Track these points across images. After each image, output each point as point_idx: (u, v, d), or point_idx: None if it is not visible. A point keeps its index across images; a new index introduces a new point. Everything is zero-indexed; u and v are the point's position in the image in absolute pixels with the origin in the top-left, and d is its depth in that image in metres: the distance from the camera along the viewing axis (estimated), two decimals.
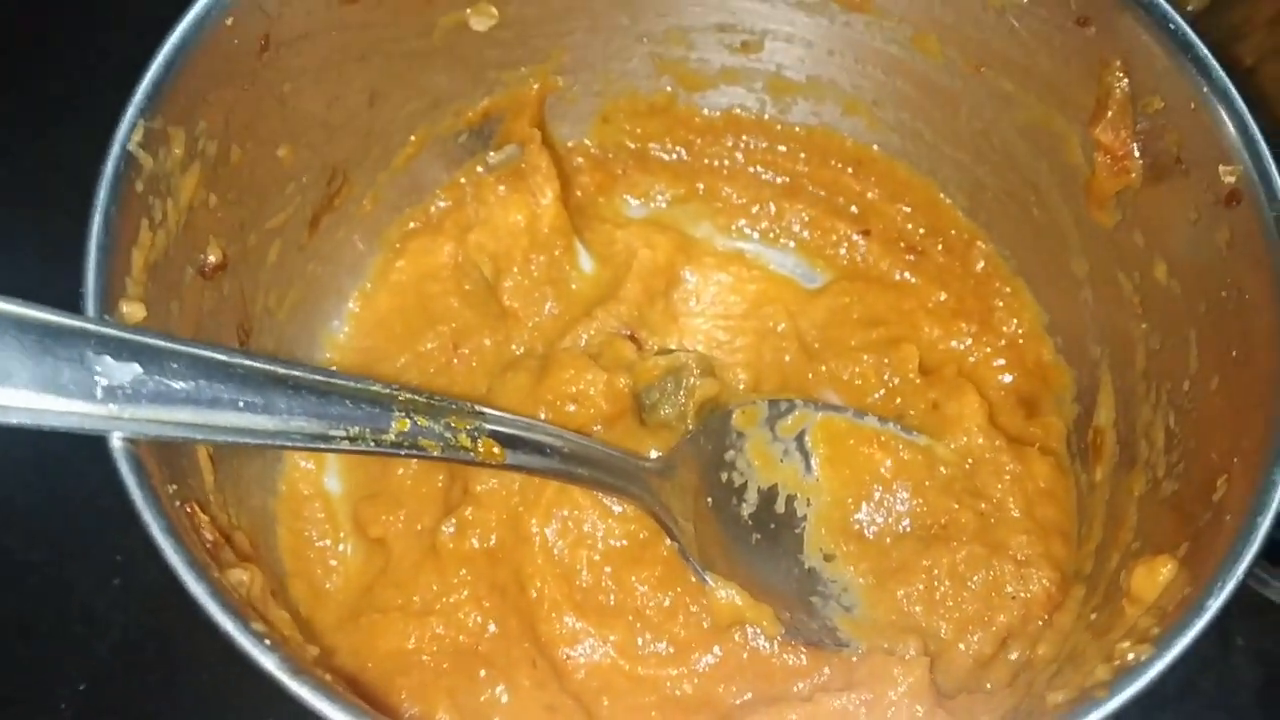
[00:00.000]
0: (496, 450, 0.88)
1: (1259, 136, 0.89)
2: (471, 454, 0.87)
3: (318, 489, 1.14)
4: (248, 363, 0.77)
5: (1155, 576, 0.84)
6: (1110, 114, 1.00)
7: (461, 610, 1.05)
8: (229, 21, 0.90)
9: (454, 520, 1.06)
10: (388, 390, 0.83)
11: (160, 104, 0.85)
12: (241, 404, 0.76)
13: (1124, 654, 0.76)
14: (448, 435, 0.85)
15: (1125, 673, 0.74)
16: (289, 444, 0.78)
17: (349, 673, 1.04)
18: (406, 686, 1.02)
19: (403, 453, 0.83)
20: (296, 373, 0.79)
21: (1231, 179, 0.89)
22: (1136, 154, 1.00)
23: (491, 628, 1.05)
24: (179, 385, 0.74)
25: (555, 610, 1.03)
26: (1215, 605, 0.75)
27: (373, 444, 0.81)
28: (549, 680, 1.03)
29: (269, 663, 0.69)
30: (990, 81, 1.10)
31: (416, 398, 0.84)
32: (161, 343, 0.74)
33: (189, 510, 0.79)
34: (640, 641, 1.03)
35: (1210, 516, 0.84)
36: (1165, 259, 0.99)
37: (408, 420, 0.83)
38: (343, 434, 0.80)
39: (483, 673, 1.03)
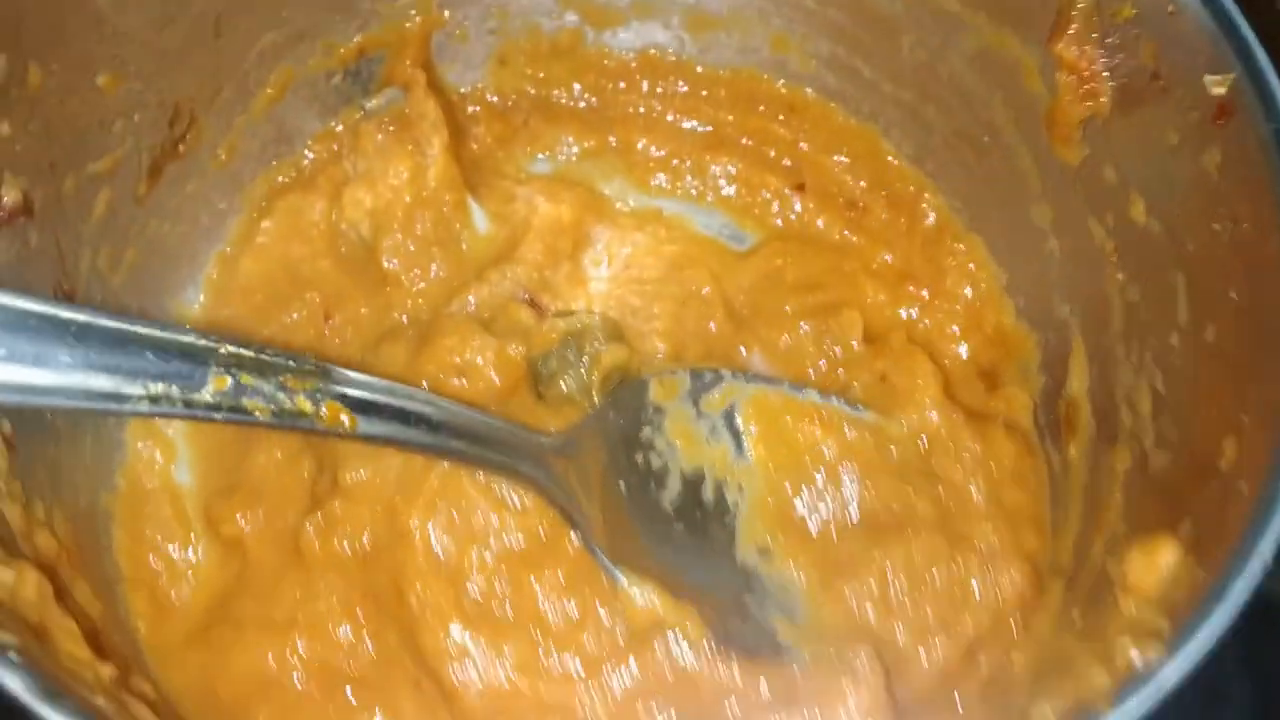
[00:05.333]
0: (345, 417, 0.72)
1: (1252, 38, 0.76)
2: (312, 420, 0.71)
3: (164, 482, 0.98)
4: (14, 304, 0.61)
5: (1155, 560, 0.70)
6: (1074, 28, 0.87)
7: (330, 622, 0.89)
8: None
9: (320, 516, 0.90)
10: (204, 341, 0.67)
11: None
12: (3, 353, 0.59)
13: (1127, 654, 0.61)
14: (280, 396, 0.70)
15: (1131, 679, 0.59)
16: (71, 403, 0.62)
17: (195, 697, 0.87)
18: (265, 714, 0.87)
19: (220, 416, 0.67)
20: (82, 317, 0.63)
21: (1221, 90, 0.77)
22: (1105, 74, 0.86)
23: (366, 643, 0.89)
24: None
25: (440, 620, 0.87)
26: (1240, 590, 0.60)
27: (182, 405, 0.65)
28: (436, 705, 0.87)
29: (12, 682, 0.52)
30: (934, 2, 0.96)
31: (242, 351, 0.68)
32: None
33: None
34: (542, 656, 0.87)
35: (1217, 486, 0.70)
36: (1143, 195, 0.86)
37: (227, 377, 0.67)
38: (141, 392, 0.64)
39: (355, 696, 0.87)
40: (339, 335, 1.02)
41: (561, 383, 0.93)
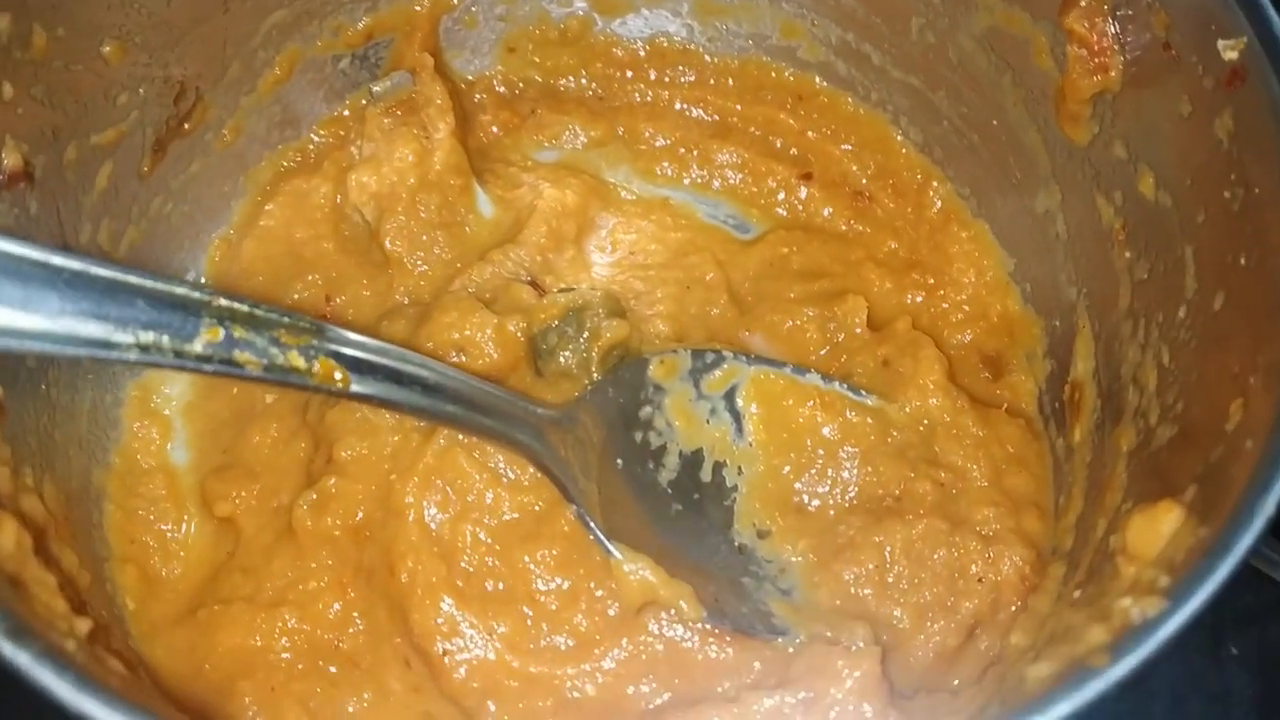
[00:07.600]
0: (339, 374, 0.71)
1: (1264, 1, 0.75)
2: (305, 377, 0.70)
3: (160, 462, 0.98)
4: (7, 249, 0.60)
5: (1157, 526, 0.68)
6: (1085, 1, 0.85)
7: (320, 600, 0.88)
8: None
9: (314, 493, 0.89)
10: (198, 294, 0.66)
11: None
12: None
13: (1125, 612, 0.59)
14: (273, 351, 0.68)
15: (1130, 633, 0.57)
16: (57, 349, 0.61)
17: (182, 674, 0.86)
18: (250, 691, 0.85)
19: (210, 368, 0.66)
20: (75, 265, 0.62)
21: (1233, 54, 0.75)
22: (1116, 47, 0.85)
23: (356, 621, 0.88)
24: None
25: (430, 596, 0.85)
26: (1243, 543, 0.58)
27: (172, 355, 0.64)
28: (424, 683, 0.86)
29: None
30: None
31: (236, 305, 0.67)
32: None
33: None
34: (533, 633, 0.86)
35: (1222, 450, 0.68)
36: (1152, 169, 0.84)
37: (220, 329, 0.66)
38: (131, 340, 0.63)
39: (340, 673, 0.86)
40: (341, 317, 1.01)
41: (561, 357, 0.92)
